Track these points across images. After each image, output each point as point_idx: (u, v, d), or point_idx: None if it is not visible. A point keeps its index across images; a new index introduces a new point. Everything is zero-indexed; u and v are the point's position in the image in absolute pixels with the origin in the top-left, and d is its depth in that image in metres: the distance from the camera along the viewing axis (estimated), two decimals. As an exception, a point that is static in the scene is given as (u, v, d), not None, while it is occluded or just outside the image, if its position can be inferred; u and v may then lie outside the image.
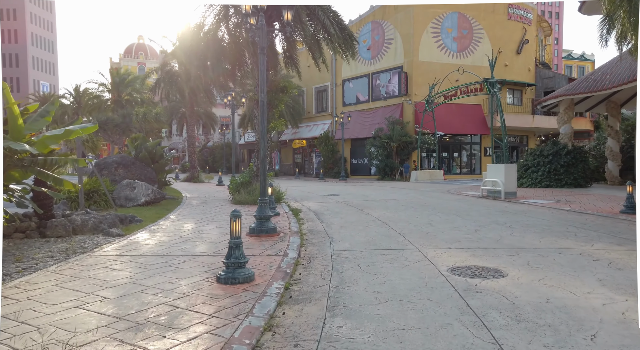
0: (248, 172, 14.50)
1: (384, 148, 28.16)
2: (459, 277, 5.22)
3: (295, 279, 5.35)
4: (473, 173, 31.07)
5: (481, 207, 12.63)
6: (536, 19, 33.34)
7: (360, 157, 32.58)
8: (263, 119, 7.93)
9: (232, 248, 4.97)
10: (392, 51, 30.40)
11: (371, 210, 11.98)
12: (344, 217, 10.70)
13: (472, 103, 30.03)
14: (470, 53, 30.11)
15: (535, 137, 34.64)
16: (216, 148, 45.32)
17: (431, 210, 11.88)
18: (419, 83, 29.09)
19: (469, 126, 29.90)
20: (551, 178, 18.93)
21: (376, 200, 14.57)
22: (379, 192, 18.48)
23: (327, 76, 35.48)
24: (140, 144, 13.55)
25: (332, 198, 15.78)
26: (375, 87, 31.63)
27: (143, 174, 12.69)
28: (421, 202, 14.06)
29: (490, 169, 16.22)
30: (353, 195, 16.97)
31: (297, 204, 13.83)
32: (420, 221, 9.81)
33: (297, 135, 37.30)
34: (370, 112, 31.75)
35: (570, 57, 62.60)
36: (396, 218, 10.34)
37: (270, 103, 13.70)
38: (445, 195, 16.71)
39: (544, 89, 32.75)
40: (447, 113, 29.17)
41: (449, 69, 27.90)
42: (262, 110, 7.96)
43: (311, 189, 21.03)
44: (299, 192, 18.63)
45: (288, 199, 15.52)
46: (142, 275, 5.19)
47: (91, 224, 7.76)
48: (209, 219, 10.00)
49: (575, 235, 7.88)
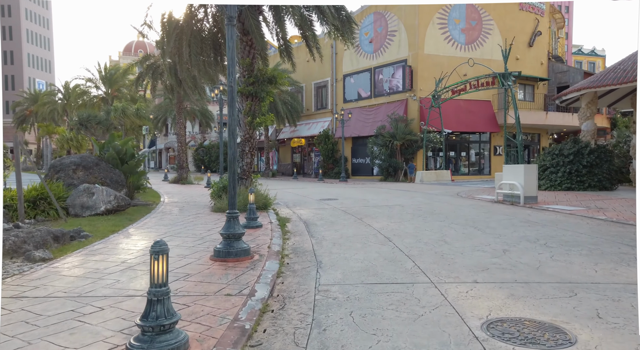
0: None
1: (387, 147, 26.35)
2: (502, 343, 3.44)
3: (253, 343, 3.57)
4: (482, 173, 29.21)
5: (501, 215, 10.81)
6: (549, 10, 31.41)
7: (361, 156, 30.78)
8: (232, 108, 6.17)
9: (152, 302, 3.19)
10: (395, 44, 28.56)
11: (372, 219, 10.19)
12: (339, 230, 8.92)
13: (481, 99, 28.17)
14: (479, 45, 28.23)
15: (548, 135, 32.72)
16: (213, 147, 43.63)
17: (443, 219, 10.08)
18: (424, 77, 27.24)
19: (477, 123, 28.04)
20: (572, 180, 17.08)
21: (378, 206, 12.79)
22: (382, 195, 16.70)
23: (327, 71, 33.68)
24: (108, 142, 11.80)
25: (329, 203, 14.00)
26: (378, 82, 29.81)
27: (108, 177, 10.95)
28: (430, 208, 12.26)
29: (507, 171, 14.40)
30: (352, 199, 15.19)
31: (287, 212, 12.06)
32: (432, 236, 8.01)
33: (295, 133, 35.52)
34: (372, 109, 29.94)
35: (581, 52, 60.39)
36: (402, 231, 8.55)
37: (257, 95, 11.92)
38: (455, 200, 14.90)
39: (557, 84, 30.84)
40: (455, 109, 27.34)
41: (457, 62, 26.05)
42: (231, 97, 6.20)
43: (307, 191, 19.26)
44: (293, 196, 16.86)
45: (279, 204, 13.77)
46: (15, 344, 3.43)
47: (9, 245, 6.00)
48: (175, 234, 8.24)
49: (636, 260, 6.07)
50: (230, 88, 6.13)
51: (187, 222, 9.72)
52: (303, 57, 36.23)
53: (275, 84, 12.19)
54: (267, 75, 12.02)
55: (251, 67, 11.99)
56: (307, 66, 35.60)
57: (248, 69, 11.97)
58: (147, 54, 22.76)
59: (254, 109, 12.06)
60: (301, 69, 35.95)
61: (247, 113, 11.93)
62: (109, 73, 27.44)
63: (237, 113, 12.31)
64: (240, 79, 12.24)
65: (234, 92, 6.24)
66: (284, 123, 34.27)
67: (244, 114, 12.01)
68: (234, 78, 6.17)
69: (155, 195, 15.87)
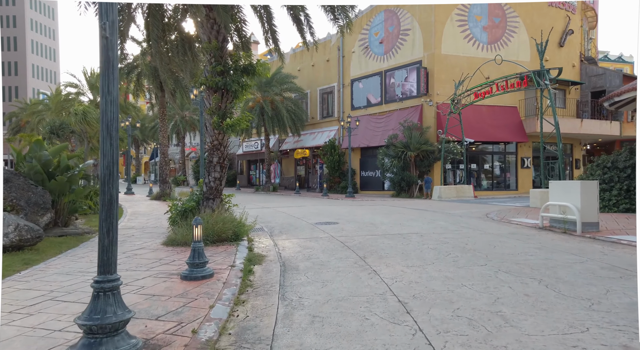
0: (198, 190, 9.77)
1: (400, 158, 23.25)
2: None
3: None
4: (507, 189, 25.85)
5: (564, 254, 7.62)
6: (580, 7, 28.26)
7: (371, 169, 27.69)
8: (109, 119, 3.23)
9: None
10: (409, 44, 25.64)
11: (380, 260, 7.10)
12: (328, 282, 5.85)
13: (506, 104, 25.02)
14: (504, 44, 25.14)
15: (581, 146, 29.25)
16: (213, 159, 41.02)
17: (483, 262, 6.93)
18: (441, 80, 24.21)
19: (502, 132, 24.82)
20: (632, 199, 13.75)
21: (389, 236, 9.67)
22: (394, 217, 13.56)
23: (333, 75, 30.87)
24: (31, 151, 8.95)
25: (326, 229, 10.92)
26: (389, 86, 26.84)
27: (24, 197, 8.08)
28: (459, 239, 9.11)
29: (556, 189, 11.20)
30: (357, 223, 12.09)
31: (267, 244, 9.01)
32: (477, 302, 4.88)
33: (299, 143, 32.63)
34: (383, 116, 26.93)
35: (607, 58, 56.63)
36: (425, 287, 5.45)
37: (227, 89, 9.00)
38: (488, 225, 11.71)
39: (592, 89, 27.51)
40: (476, 116, 24.21)
41: (478, 63, 23.00)
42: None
43: (305, 210, 16.21)
44: (285, 217, 13.82)
45: (261, 231, 10.74)
46: None
47: None
48: (61, 295, 5.24)
49: None
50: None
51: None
52: (307, 61, 33.57)
53: (254, 74, 9.26)
54: (241, 64, 9.10)
55: (220, 52, 9.10)
56: (311, 71, 32.89)
57: (216, 54, 9.08)
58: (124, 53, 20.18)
59: (224, 107, 9.12)
60: (305, 74, 33.27)
61: (214, 112, 9.00)
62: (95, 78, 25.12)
63: (211, 112, 9.41)
64: (206, 68, 9.35)
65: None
66: (286, 133, 31.43)
67: (208, 112, 9.09)
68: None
69: (114, 217, 12.96)
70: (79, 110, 17.92)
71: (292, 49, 35.05)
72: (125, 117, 25.09)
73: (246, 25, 10.19)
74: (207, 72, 9.17)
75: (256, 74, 9.28)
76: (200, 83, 9.05)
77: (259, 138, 34.24)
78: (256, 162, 39.36)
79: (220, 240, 8.54)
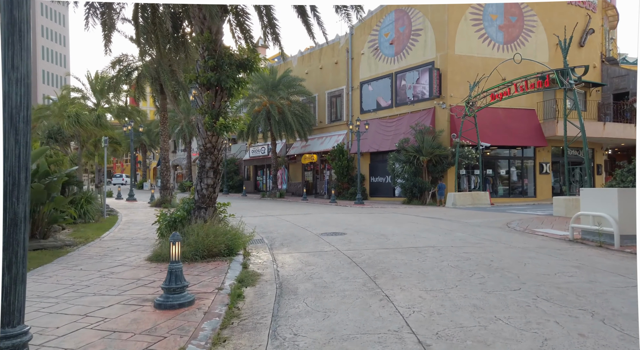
0: (189, 198, 8.83)
1: (411, 163, 22.14)
2: None
3: None
4: (525, 195, 24.56)
5: (608, 274, 6.50)
6: (601, 6, 27.00)
7: (381, 174, 26.61)
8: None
9: None
10: (421, 44, 24.61)
11: (392, 282, 6.05)
12: (331, 313, 4.83)
13: (523, 107, 23.81)
14: (521, 45, 23.98)
15: (603, 151, 27.85)
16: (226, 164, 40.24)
17: (517, 286, 5.85)
18: (455, 82, 23.12)
19: (519, 136, 23.59)
20: (669, 208, 12.49)
21: (402, 250, 8.61)
22: (406, 226, 12.49)
23: (342, 78, 29.92)
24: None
25: (333, 241, 9.90)
26: (400, 89, 25.80)
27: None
28: (483, 255, 8.02)
29: (589, 197, 10.07)
30: (366, 233, 11.05)
31: (265, 259, 8.02)
32: (521, 346, 3.82)
33: (307, 148, 31.67)
34: (393, 120, 25.87)
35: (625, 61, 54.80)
36: (450, 322, 4.40)
37: (221, 85, 8.06)
38: (511, 237, 10.57)
39: (614, 91, 26.18)
40: (492, 119, 23.05)
41: (494, 64, 21.89)
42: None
43: (311, 218, 15.20)
44: (288, 227, 12.82)
45: (260, 243, 9.76)
46: None
47: None
48: None
49: None
50: None
51: (76, 288, 5.79)
52: (315, 64, 32.70)
53: (251, 70, 8.32)
54: (236, 58, 8.17)
55: (213, 45, 8.18)
56: (320, 74, 32.01)
57: (209, 47, 8.15)
58: (122, 54, 19.47)
59: (218, 106, 8.19)
60: (313, 77, 32.39)
61: (206, 111, 8.07)
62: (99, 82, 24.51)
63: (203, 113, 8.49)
64: (198, 63, 8.43)
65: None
66: (294, 137, 30.50)
67: (199, 111, 8.16)
68: None
69: (104, 227, 12.09)
70: (72, 113, 17.13)
71: (300, 52, 34.24)
72: (126, 121, 24.38)
73: (249, 19, 9.24)
74: (200, 67, 8.25)
75: (254, 69, 8.35)
76: (190, 79, 8.12)
77: (265, 143, 33.35)
78: (263, 167, 38.48)
79: (212, 255, 7.57)
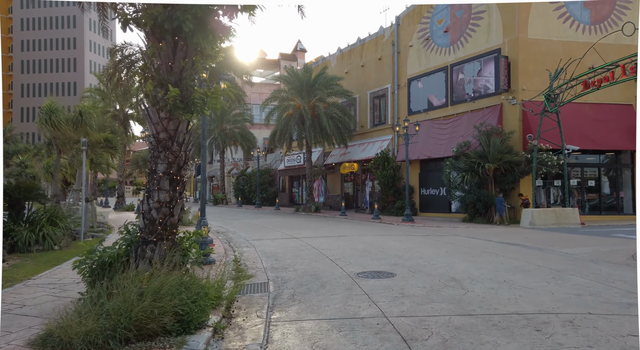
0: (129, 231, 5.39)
1: (474, 172, 17.87)
2: None
3: None
4: (620, 212, 19.52)
5: None
6: None
7: (434, 185, 22.40)
8: None
9: None
10: (483, 29, 20.44)
11: None
12: None
13: (616, 102, 18.99)
14: (612, 25, 19.23)
15: None
16: (254, 175, 37.34)
17: None
18: (528, 72, 18.73)
19: (611, 138, 18.75)
20: None
21: (500, 320, 4.66)
22: (484, 260, 8.43)
23: (387, 76, 26.11)
24: None
25: (374, 291, 6.10)
26: (457, 84, 21.65)
27: None
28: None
29: None
30: (426, 275, 7.16)
31: (251, 336, 4.34)
32: None
33: (346, 156, 27.97)
34: (449, 121, 21.71)
35: None
36: None
37: (178, 29, 4.61)
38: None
39: None
40: (576, 118, 18.44)
41: (578, 49, 17.42)
42: None
43: (346, 244, 11.40)
44: (314, 257, 9.12)
45: (264, 288, 6.14)
46: None
47: None
48: None
49: None
50: None
51: None
52: (356, 61, 29.09)
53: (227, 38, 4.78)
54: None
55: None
56: (361, 72, 28.38)
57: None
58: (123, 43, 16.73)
59: (172, 66, 4.71)
60: (354, 76, 28.80)
61: (149, 72, 4.60)
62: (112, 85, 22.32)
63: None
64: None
65: None
66: (331, 144, 26.94)
67: (140, 76, 4.72)
68: None
69: (61, 259, 8.93)
70: (44, 108, 14.13)
71: (339, 50, 30.82)
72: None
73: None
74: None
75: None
76: (122, 16, 4.70)
77: (301, 151, 30.01)
78: (299, 178, 35.11)
79: (148, 336, 4.03)
